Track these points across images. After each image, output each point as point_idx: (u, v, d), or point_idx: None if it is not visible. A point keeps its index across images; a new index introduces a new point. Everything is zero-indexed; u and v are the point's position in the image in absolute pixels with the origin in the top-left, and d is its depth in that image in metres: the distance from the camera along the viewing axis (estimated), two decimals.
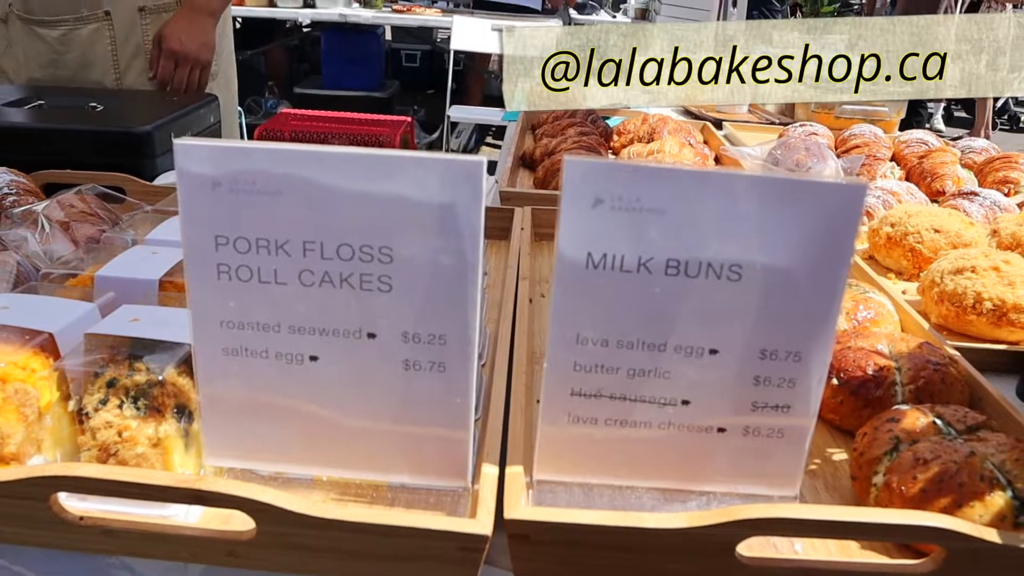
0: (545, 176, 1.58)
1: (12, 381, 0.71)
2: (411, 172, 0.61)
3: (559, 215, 0.63)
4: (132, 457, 0.70)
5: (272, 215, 0.63)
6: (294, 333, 0.67)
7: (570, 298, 0.66)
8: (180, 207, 0.64)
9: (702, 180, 0.62)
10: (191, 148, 0.62)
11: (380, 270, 0.64)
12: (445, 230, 0.62)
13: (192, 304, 0.67)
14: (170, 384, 0.71)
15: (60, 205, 1.18)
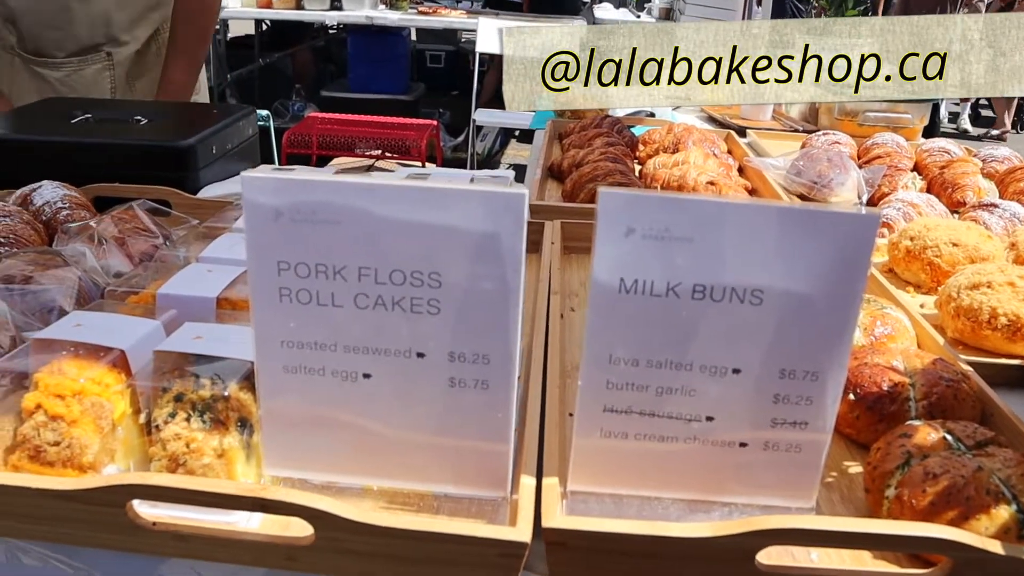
0: (573, 189, 1.64)
1: (89, 395, 0.78)
2: (459, 204, 0.67)
3: (594, 243, 0.69)
4: (199, 467, 0.77)
5: (330, 243, 0.69)
6: (349, 352, 0.73)
7: (603, 321, 0.72)
8: (246, 234, 0.70)
9: (726, 211, 0.68)
10: (257, 180, 0.68)
11: (429, 294, 0.70)
12: (489, 257, 0.68)
13: (256, 324, 0.73)
14: (233, 399, 0.78)
15: (114, 220, 1.25)
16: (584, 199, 1.61)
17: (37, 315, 1.03)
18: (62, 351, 0.81)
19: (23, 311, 1.03)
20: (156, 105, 1.90)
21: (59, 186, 1.46)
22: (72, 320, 0.85)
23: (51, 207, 1.41)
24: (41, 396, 0.78)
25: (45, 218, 1.40)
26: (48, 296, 1.04)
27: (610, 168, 1.63)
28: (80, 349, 0.80)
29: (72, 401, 0.78)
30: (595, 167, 1.63)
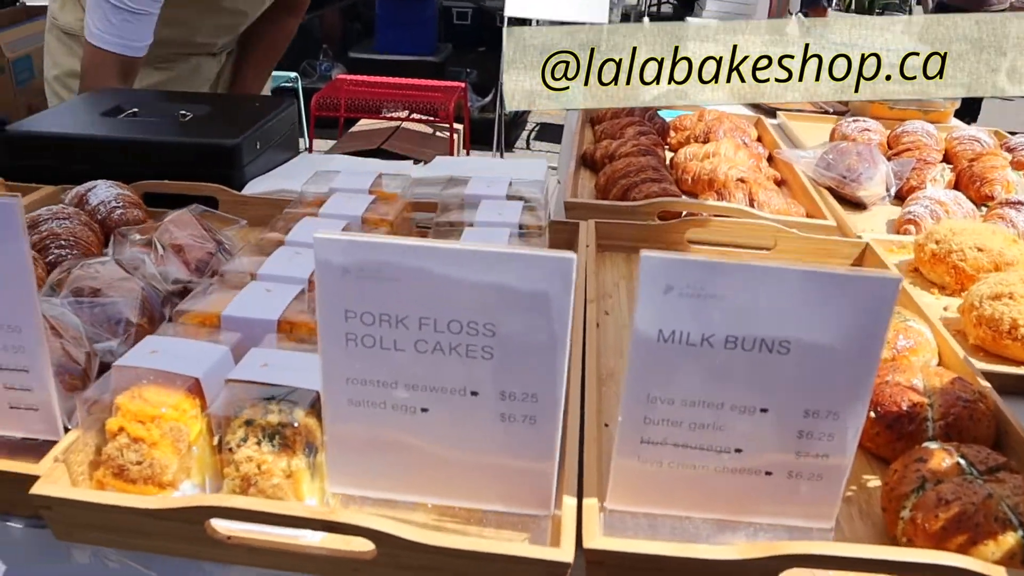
0: (607, 184, 1.70)
1: (168, 420, 0.87)
2: (513, 266, 0.74)
3: (636, 296, 0.76)
4: (269, 487, 0.85)
5: (393, 296, 0.77)
6: (408, 389, 0.81)
7: (642, 366, 0.79)
8: (316, 286, 0.78)
9: (757, 273, 0.74)
10: (328, 242, 0.75)
11: (484, 342, 0.78)
12: (540, 312, 0.76)
13: (323, 362, 0.81)
14: (300, 424, 0.86)
15: (170, 227, 1.33)
16: (617, 195, 1.67)
17: (105, 327, 1.12)
18: (141, 378, 0.89)
19: (92, 322, 1.12)
20: (200, 98, 1.96)
21: (112, 185, 1.54)
22: (148, 346, 0.93)
23: (106, 206, 1.49)
24: (124, 420, 0.87)
25: (100, 217, 1.49)
26: (115, 309, 1.13)
27: (642, 164, 1.69)
28: (159, 377, 0.88)
29: (152, 425, 0.87)
30: (628, 163, 1.69)
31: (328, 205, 1.35)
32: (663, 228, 1.52)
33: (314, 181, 1.49)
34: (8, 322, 0.89)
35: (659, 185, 1.64)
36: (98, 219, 1.49)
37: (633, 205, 1.58)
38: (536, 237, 1.28)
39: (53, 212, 1.40)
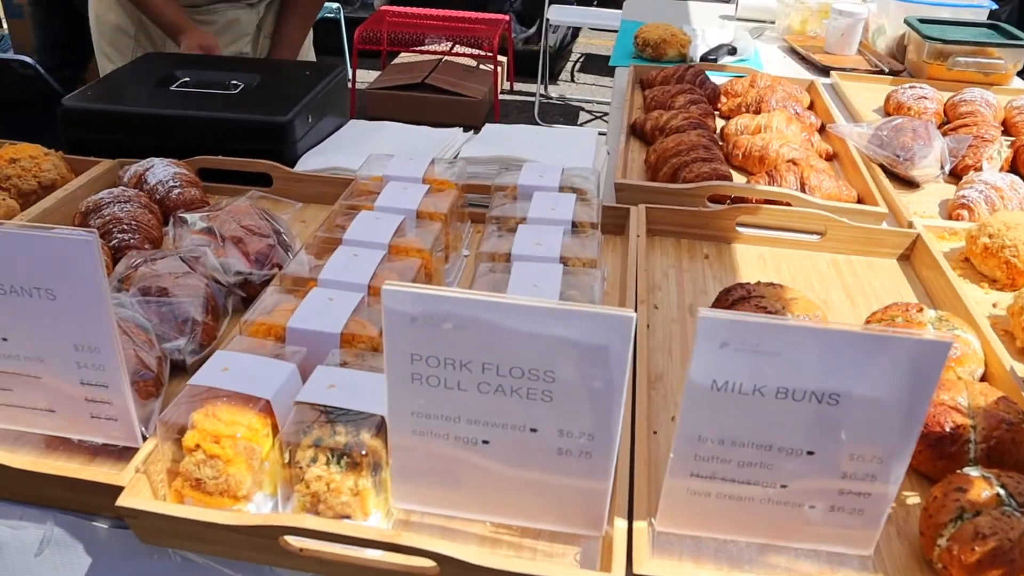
0: (657, 162, 1.71)
1: (242, 439, 0.93)
2: (575, 321, 0.79)
3: (692, 348, 0.80)
4: (337, 504, 0.92)
5: (458, 343, 0.82)
6: (470, 423, 0.87)
7: (695, 410, 0.84)
8: (385, 331, 0.83)
9: (811, 334, 0.78)
10: (397, 293, 0.80)
11: (544, 386, 0.83)
12: (599, 363, 0.80)
13: (390, 396, 0.87)
14: (366, 446, 0.92)
15: (230, 216, 1.38)
16: (667, 174, 1.69)
17: (173, 325, 1.18)
18: (215, 397, 0.95)
19: (161, 320, 1.18)
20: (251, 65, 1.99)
21: (169, 163, 1.59)
22: (219, 362, 0.99)
23: (164, 186, 1.55)
24: (200, 437, 0.93)
25: (158, 196, 1.54)
26: (183, 309, 1.19)
27: (693, 142, 1.70)
28: (232, 398, 0.95)
29: (227, 443, 0.93)
30: (679, 141, 1.70)
31: (383, 196, 1.39)
32: (712, 215, 1.54)
33: (368, 165, 1.53)
34: (88, 343, 0.95)
35: (710, 165, 1.66)
36: (156, 199, 1.54)
37: (683, 188, 1.60)
38: (588, 235, 1.31)
39: (114, 195, 1.46)
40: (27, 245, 0.90)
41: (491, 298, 0.79)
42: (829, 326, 0.78)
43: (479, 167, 1.68)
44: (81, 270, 0.90)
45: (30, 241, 0.90)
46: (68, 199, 1.53)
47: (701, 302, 1.39)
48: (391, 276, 1.20)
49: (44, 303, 0.93)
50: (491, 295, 0.79)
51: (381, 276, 1.19)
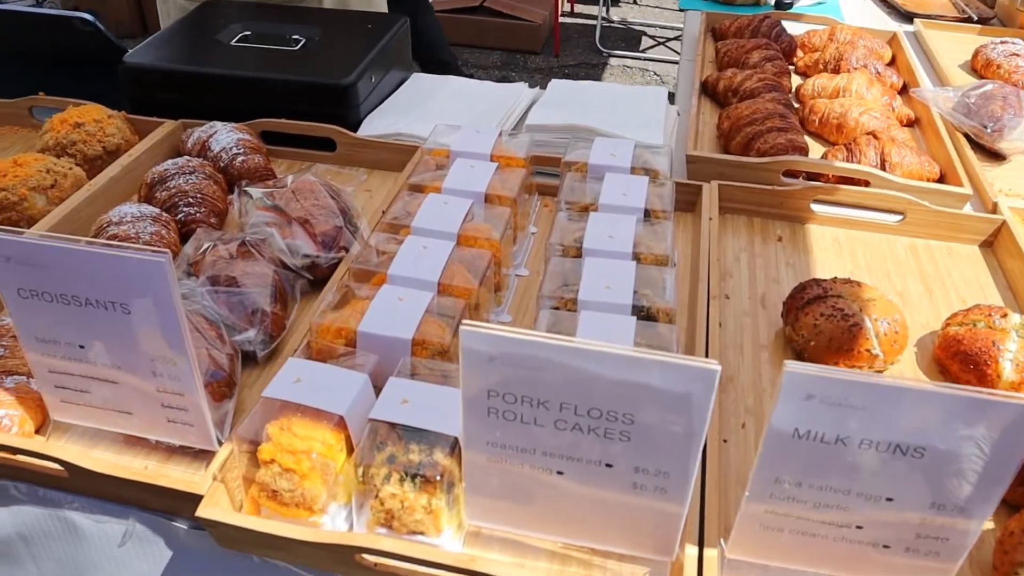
0: (731, 129, 1.67)
1: (317, 455, 0.95)
2: (658, 370, 0.78)
3: (776, 397, 0.80)
4: (411, 522, 0.94)
5: (536, 382, 0.82)
6: (545, 456, 0.88)
7: (775, 455, 0.83)
8: (462, 368, 0.83)
9: (900, 393, 0.77)
10: (475, 334, 0.80)
11: (622, 427, 0.83)
12: (680, 410, 0.80)
13: (465, 427, 0.88)
14: (440, 464, 0.94)
15: (296, 194, 1.38)
16: (740, 143, 1.65)
17: (243, 316, 1.20)
18: (290, 410, 0.97)
19: (230, 310, 1.20)
20: (312, 16, 1.95)
21: (232, 129, 1.59)
22: (292, 372, 1.01)
23: (227, 153, 1.55)
24: (275, 451, 0.96)
25: (222, 164, 1.55)
26: (251, 299, 1.20)
27: (769, 110, 1.65)
28: (307, 413, 0.96)
29: (302, 457, 0.95)
30: (754, 109, 1.66)
31: (451, 177, 1.37)
32: (787, 194, 1.51)
33: (435, 135, 1.51)
34: (163, 354, 0.97)
35: (785, 136, 1.61)
36: (220, 166, 1.55)
37: (757, 162, 1.57)
38: (661, 224, 1.30)
39: (179, 167, 1.46)
40: (103, 263, 0.91)
41: (572, 344, 0.79)
42: (920, 386, 0.77)
43: (547, 135, 1.66)
44: (155, 288, 0.91)
45: (106, 260, 0.91)
46: (133, 166, 1.54)
47: (773, 293, 1.37)
48: (461, 271, 1.20)
49: (119, 316, 0.95)
50: (572, 341, 0.79)
51: (451, 271, 1.19)
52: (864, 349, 1.19)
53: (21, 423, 1.07)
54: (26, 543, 1.11)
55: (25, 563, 1.13)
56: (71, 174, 1.47)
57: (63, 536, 1.09)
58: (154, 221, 1.35)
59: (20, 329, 1.00)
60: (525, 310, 1.33)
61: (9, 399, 1.08)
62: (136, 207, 1.36)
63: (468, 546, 0.99)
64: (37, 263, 0.94)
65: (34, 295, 0.96)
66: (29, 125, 1.79)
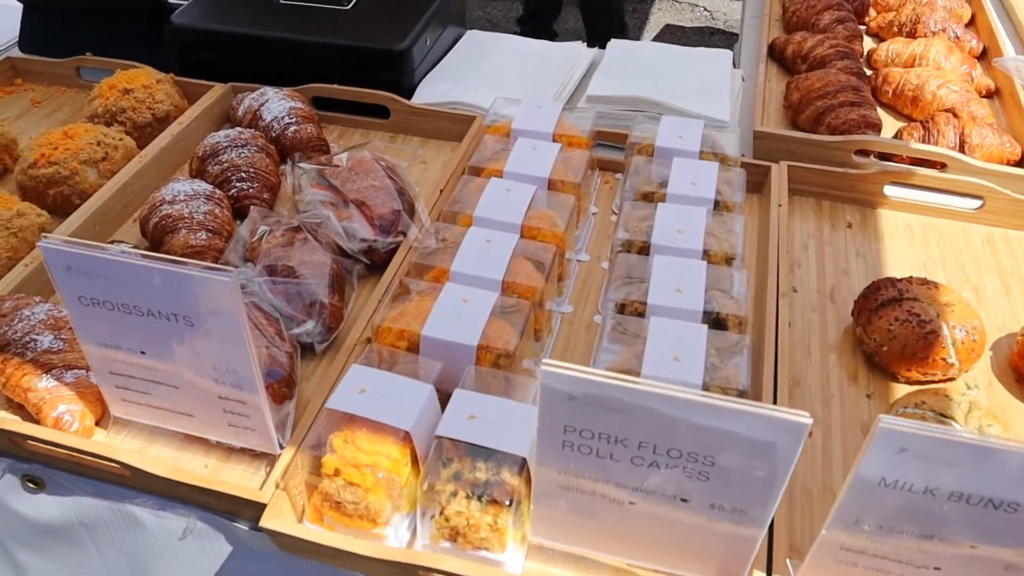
0: (800, 102, 1.61)
1: (381, 469, 0.95)
2: (745, 420, 0.76)
3: (865, 448, 0.77)
4: (476, 539, 0.94)
5: (615, 422, 0.80)
6: (618, 487, 0.87)
7: (858, 500, 0.82)
8: (540, 403, 0.81)
9: (995, 453, 0.75)
10: (556, 375, 0.78)
11: (701, 468, 0.81)
12: (765, 457, 0.78)
13: (539, 455, 0.87)
14: (507, 484, 0.93)
15: (352, 174, 1.35)
16: (810, 117, 1.59)
17: (300, 308, 1.19)
18: (354, 423, 0.96)
19: (288, 301, 1.19)
20: None
21: (284, 96, 1.55)
22: (356, 381, 0.99)
23: (279, 123, 1.52)
24: (339, 463, 0.95)
25: (274, 134, 1.52)
26: (309, 290, 1.19)
27: (842, 82, 1.59)
28: (372, 428, 0.95)
29: (367, 472, 0.95)
30: (826, 81, 1.59)
31: (513, 159, 1.34)
32: (860, 177, 1.45)
33: (495, 107, 1.47)
34: (228, 366, 0.96)
35: (858, 111, 1.55)
36: (272, 136, 1.52)
37: (829, 140, 1.51)
38: (732, 218, 1.26)
39: (231, 139, 1.44)
40: (167, 279, 0.90)
41: (657, 390, 0.77)
42: (1015, 446, 0.74)
43: (608, 106, 1.61)
44: (221, 305, 0.90)
45: (170, 276, 0.89)
46: (183, 134, 1.51)
47: (843, 286, 1.33)
48: (525, 267, 1.17)
49: (182, 327, 0.94)
50: (656, 386, 0.77)
51: (516, 267, 1.16)
52: (940, 358, 1.15)
53: (82, 418, 1.08)
54: (88, 530, 1.12)
55: (87, 547, 1.15)
56: (122, 145, 1.44)
57: (124, 526, 1.10)
58: (207, 199, 1.33)
59: (80, 332, 0.99)
60: (586, 299, 1.30)
61: (69, 394, 1.08)
62: (189, 184, 1.34)
63: (530, 559, 0.99)
64: (99, 274, 0.93)
65: (95, 303, 0.95)
66: (76, 86, 1.77)
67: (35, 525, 1.13)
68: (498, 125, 1.45)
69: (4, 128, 1.50)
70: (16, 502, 1.12)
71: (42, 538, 1.15)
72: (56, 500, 1.10)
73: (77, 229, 1.31)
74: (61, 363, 1.10)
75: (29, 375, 1.08)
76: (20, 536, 1.15)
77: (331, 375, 1.11)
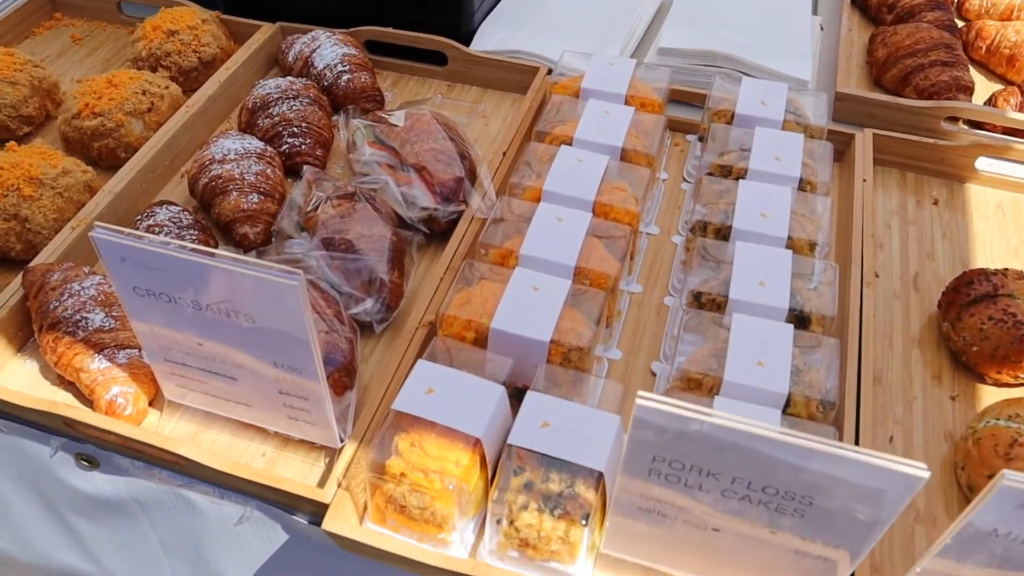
0: (887, 60, 1.52)
1: (451, 476, 0.91)
2: (855, 467, 0.72)
3: (980, 502, 0.73)
4: (547, 551, 0.91)
5: (709, 456, 0.76)
6: (704, 515, 0.83)
7: (963, 547, 0.78)
8: (630, 433, 0.77)
9: None
10: (651, 409, 0.74)
11: (798, 506, 0.78)
12: (871, 503, 0.74)
13: (622, 481, 0.83)
14: (582, 498, 0.90)
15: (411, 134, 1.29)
16: (896, 76, 1.51)
17: (359, 286, 1.14)
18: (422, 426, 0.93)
19: (346, 277, 1.15)
20: None
21: (336, 42, 1.48)
22: (422, 380, 0.95)
23: (332, 71, 1.46)
24: (406, 467, 0.92)
25: (327, 83, 1.46)
26: (368, 267, 1.14)
27: (933, 40, 1.49)
28: (443, 433, 0.92)
29: (435, 478, 0.92)
30: (916, 39, 1.50)
31: (584, 125, 1.27)
32: (950, 150, 1.37)
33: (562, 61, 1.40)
34: (291, 364, 0.92)
35: (950, 73, 1.46)
36: (324, 85, 1.46)
37: (918, 105, 1.43)
38: (818, 200, 1.19)
39: (282, 90, 1.38)
40: (229, 279, 0.85)
41: (760, 432, 0.72)
42: None
43: (680, 60, 1.52)
44: (286, 307, 0.85)
45: (234, 276, 0.84)
46: (231, 81, 1.45)
47: (927, 272, 1.27)
48: (597, 250, 1.12)
49: (243, 324, 0.90)
50: (759, 427, 0.72)
51: (588, 250, 1.11)
52: None
53: (135, 400, 1.05)
54: (142, 507, 1.11)
55: (141, 522, 1.13)
56: (167, 94, 1.39)
57: (179, 508, 1.08)
58: (259, 158, 1.28)
59: (134, 320, 0.96)
60: (656, 278, 1.25)
61: (122, 375, 1.05)
62: (239, 141, 1.29)
63: (599, 569, 0.96)
64: (155, 267, 0.88)
65: (150, 294, 0.91)
66: (118, 22, 1.70)
67: (88, 497, 1.12)
68: (565, 82, 1.38)
69: (45, 71, 1.44)
70: (69, 476, 1.10)
71: (96, 509, 1.13)
72: (110, 478, 1.09)
73: (124, 187, 1.26)
74: (113, 342, 1.07)
75: (81, 355, 1.05)
76: (74, 505, 1.14)
77: (391, 360, 1.07)
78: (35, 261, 1.16)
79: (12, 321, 1.12)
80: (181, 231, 1.19)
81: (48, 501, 1.16)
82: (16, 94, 1.38)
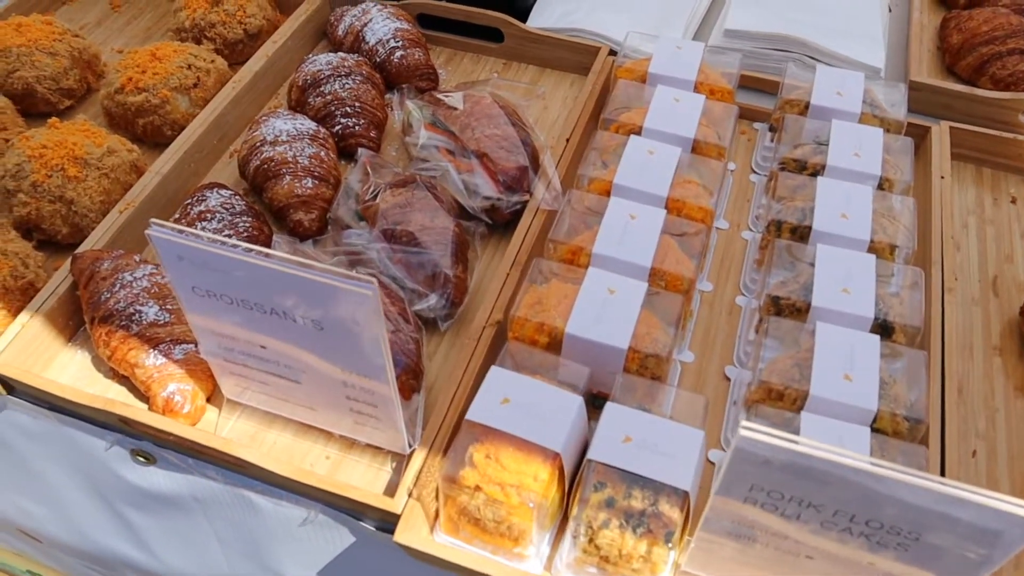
0: (962, 46, 1.49)
1: (530, 492, 0.91)
2: (969, 507, 0.71)
3: None
4: (627, 570, 0.91)
5: (812, 488, 0.75)
6: (798, 545, 0.82)
7: None
8: (729, 462, 0.76)
9: None
10: (755, 442, 0.73)
11: (902, 541, 0.77)
12: (982, 543, 0.73)
13: (714, 506, 0.82)
14: (666, 517, 0.89)
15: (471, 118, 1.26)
16: (971, 64, 1.47)
17: (422, 280, 1.13)
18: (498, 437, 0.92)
19: (408, 272, 1.13)
20: None
21: (389, 15, 1.46)
22: (497, 389, 0.94)
23: (384, 47, 1.43)
24: (481, 479, 0.91)
25: (379, 59, 1.44)
26: (432, 261, 1.13)
27: (1012, 26, 1.46)
28: (520, 447, 0.91)
29: (511, 492, 0.91)
30: (994, 25, 1.46)
31: (653, 114, 1.24)
32: None
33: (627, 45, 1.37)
34: (360, 369, 0.91)
35: None
36: (376, 61, 1.43)
37: (996, 97, 1.40)
38: (901, 200, 1.17)
39: (333, 67, 1.36)
40: (295, 284, 0.83)
41: (869, 468, 0.71)
42: None
43: (748, 43, 1.49)
44: (358, 315, 0.84)
45: (302, 282, 0.82)
46: (279, 56, 1.42)
47: (1007, 275, 1.25)
48: (672, 249, 1.10)
49: (310, 330, 0.88)
50: (870, 463, 0.71)
51: (664, 250, 1.09)
52: None
53: (193, 398, 1.04)
54: (200, 504, 1.10)
55: (197, 516, 1.13)
56: (213, 68, 1.36)
57: (239, 507, 1.08)
58: (312, 140, 1.26)
59: (193, 319, 0.94)
60: (727, 276, 1.23)
61: (179, 372, 1.04)
62: (291, 121, 1.26)
63: None
64: (215, 268, 0.86)
65: (211, 295, 0.89)
66: None
67: (144, 491, 1.11)
68: (630, 65, 1.35)
69: (85, 41, 1.41)
70: (124, 469, 1.09)
71: (152, 502, 1.13)
72: (167, 474, 1.08)
73: (172, 168, 1.24)
74: (168, 337, 1.05)
75: (135, 350, 1.04)
76: (129, 498, 1.14)
77: (459, 361, 1.06)
78: (83, 247, 1.14)
79: (63, 310, 1.10)
80: (234, 218, 1.17)
81: (102, 492, 1.15)
82: (56, 65, 1.35)
